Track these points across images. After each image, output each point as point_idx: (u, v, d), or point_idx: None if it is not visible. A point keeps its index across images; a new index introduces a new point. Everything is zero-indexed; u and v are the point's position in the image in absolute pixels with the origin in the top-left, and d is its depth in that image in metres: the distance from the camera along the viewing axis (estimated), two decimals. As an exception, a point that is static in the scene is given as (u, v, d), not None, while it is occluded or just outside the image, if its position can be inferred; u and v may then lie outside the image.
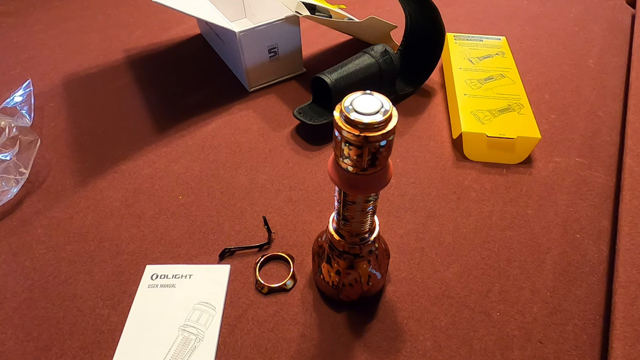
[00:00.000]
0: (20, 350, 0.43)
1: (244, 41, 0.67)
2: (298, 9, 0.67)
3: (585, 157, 0.61)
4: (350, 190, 0.34)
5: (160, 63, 0.82)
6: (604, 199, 0.56)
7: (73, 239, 0.53)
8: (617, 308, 0.42)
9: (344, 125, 0.29)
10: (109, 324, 0.45)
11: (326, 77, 0.61)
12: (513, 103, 0.64)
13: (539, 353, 0.42)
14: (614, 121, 0.67)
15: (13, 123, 0.62)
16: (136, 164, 0.62)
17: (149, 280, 0.48)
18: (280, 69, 0.75)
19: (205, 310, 0.45)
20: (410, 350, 0.43)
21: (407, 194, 0.57)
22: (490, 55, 0.74)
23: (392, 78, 0.67)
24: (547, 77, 0.76)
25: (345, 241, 0.40)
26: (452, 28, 0.88)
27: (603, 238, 0.52)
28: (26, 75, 0.80)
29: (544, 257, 0.50)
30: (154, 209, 0.56)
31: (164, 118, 0.70)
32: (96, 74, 0.80)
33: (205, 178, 0.60)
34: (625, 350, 0.39)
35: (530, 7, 0.96)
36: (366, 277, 0.43)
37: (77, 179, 0.60)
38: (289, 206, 0.56)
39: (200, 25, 0.89)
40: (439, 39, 0.67)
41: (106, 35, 0.91)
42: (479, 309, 0.46)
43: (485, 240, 0.52)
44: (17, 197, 0.57)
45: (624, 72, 0.76)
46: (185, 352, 0.42)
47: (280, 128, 0.67)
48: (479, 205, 0.56)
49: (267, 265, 0.50)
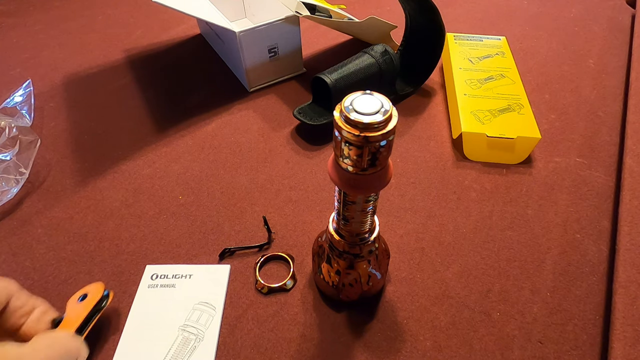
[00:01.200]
0: (20, 350, 0.43)
1: (244, 41, 0.67)
2: (298, 9, 0.67)
3: (585, 157, 0.61)
4: (350, 190, 0.34)
5: (160, 63, 0.82)
6: (604, 199, 0.56)
7: (73, 239, 0.53)
8: (617, 308, 0.42)
9: (344, 125, 0.29)
10: (109, 324, 0.45)
11: (326, 77, 0.61)
12: (513, 103, 0.64)
13: (539, 353, 0.42)
14: (614, 121, 0.67)
15: (13, 123, 0.62)
16: (136, 164, 0.62)
17: (149, 280, 0.48)
18: (280, 69, 0.75)
19: (205, 310, 0.45)
20: (410, 350, 0.43)
21: (407, 194, 0.57)
22: (490, 55, 0.74)
23: (392, 78, 0.67)
24: (547, 77, 0.76)
25: (345, 241, 0.40)
26: (452, 28, 0.88)
27: (603, 238, 0.52)
28: (26, 75, 0.80)
29: (544, 257, 0.50)
30: (154, 209, 0.56)
31: (164, 118, 0.70)
32: (96, 74, 0.80)
33: (205, 178, 0.60)
34: (625, 350, 0.39)
35: (530, 7, 0.96)
36: (366, 277, 0.43)
37: (77, 179, 0.60)
38: (289, 206, 0.56)
39: (200, 25, 0.89)
40: (439, 39, 0.67)
41: (106, 35, 0.91)
42: (479, 309, 0.46)
43: (485, 240, 0.52)
44: (17, 197, 0.57)
45: (624, 72, 0.76)
46: (185, 352, 0.42)
47: (280, 128, 0.67)
48: (479, 205, 0.56)
49: (267, 265, 0.50)
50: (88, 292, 0.42)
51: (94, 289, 0.42)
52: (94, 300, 0.41)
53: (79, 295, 0.42)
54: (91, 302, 0.41)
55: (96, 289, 0.42)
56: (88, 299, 0.41)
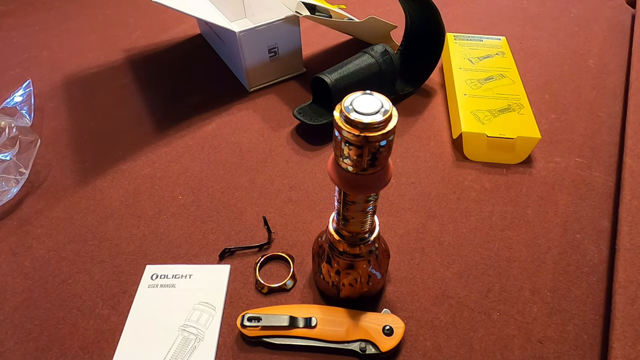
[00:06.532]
0: (20, 350, 0.43)
1: (244, 41, 0.67)
2: (298, 9, 0.67)
3: (585, 157, 0.61)
4: (350, 190, 0.34)
5: (160, 63, 0.82)
6: (604, 199, 0.56)
7: (73, 239, 0.53)
8: (617, 308, 0.42)
9: (344, 125, 0.29)
10: (109, 324, 0.45)
11: (326, 77, 0.61)
12: (513, 103, 0.64)
13: (539, 353, 0.42)
14: (614, 121, 0.67)
15: (13, 123, 0.62)
16: (136, 164, 0.62)
17: (149, 280, 0.48)
18: (280, 69, 0.75)
19: (205, 310, 0.45)
20: (410, 350, 0.43)
21: (407, 194, 0.57)
22: (490, 55, 0.74)
23: (392, 78, 0.67)
24: (547, 77, 0.76)
25: (345, 241, 0.40)
26: (452, 28, 0.88)
27: (603, 238, 0.52)
28: (26, 75, 0.80)
29: (544, 257, 0.50)
30: (154, 209, 0.56)
31: (164, 118, 0.70)
32: (96, 74, 0.80)
33: (205, 178, 0.60)
34: (625, 350, 0.39)
35: (530, 7, 0.96)
36: (366, 277, 0.43)
37: (77, 179, 0.60)
38: (289, 206, 0.56)
39: (200, 25, 0.89)
40: (439, 39, 0.67)
41: (106, 35, 0.91)
42: (479, 309, 0.46)
43: (485, 240, 0.52)
44: (17, 197, 0.57)
45: (624, 72, 0.76)
46: (185, 352, 0.42)
47: (280, 128, 0.67)
48: (479, 205, 0.56)
49: (267, 265, 0.50)
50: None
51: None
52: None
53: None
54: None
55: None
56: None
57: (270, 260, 0.50)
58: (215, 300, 0.46)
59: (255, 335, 0.42)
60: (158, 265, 0.50)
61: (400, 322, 0.42)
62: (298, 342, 0.42)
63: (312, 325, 0.42)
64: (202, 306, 0.46)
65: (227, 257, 0.51)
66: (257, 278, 0.48)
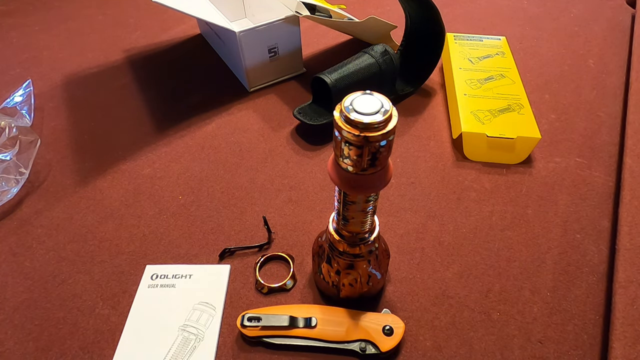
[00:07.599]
0: (20, 350, 0.43)
1: (244, 41, 0.67)
2: (298, 9, 0.67)
3: (585, 157, 0.61)
4: (350, 190, 0.34)
5: (160, 63, 0.82)
6: (604, 199, 0.56)
7: (73, 239, 0.53)
8: (617, 308, 0.42)
9: (344, 125, 0.29)
10: (109, 324, 0.45)
11: (326, 77, 0.61)
12: (513, 103, 0.64)
13: (539, 353, 0.42)
14: (614, 121, 0.67)
15: (13, 123, 0.62)
16: (136, 164, 0.62)
17: (149, 280, 0.48)
18: (280, 69, 0.75)
19: (205, 310, 0.45)
20: (410, 350, 0.43)
21: (407, 194, 0.57)
22: (490, 55, 0.74)
23: (392, 78, 0.67)
24: (547, 77, 0.76)
25: (345, 241, 0.40)
26: (452, 28, 0.88)
27: (603, 238, 0.52)
28: (26, 75, 0.80)
29: (544, 257, 0.50)
30: (154, 209, 0.56)
31: (164, 118, 0.70)
32: (96, 74, 0.80)
33: (205, 178, 0.60)
34: (625, 350, 0.39)
35: (530, 7, 0.96)
36: (366, 277, 0.43)
37: (77, 179, 0.60)
38: (289, 206, 0.56)
39: (200, 25, 0.89)
40: (439, 39, 0.67)
41: (106, 35, 0.91)
42: (479, 309, 0.46)
43: (485, 240, 0.52)
44: (17, 197, 0.57)
45: (624, 72, 0.76)
46: (185, 352, 0.42)
47: (280, 128, 0.67)
48: (479, 205, 0.56)
49: (267, 265, 0.50)
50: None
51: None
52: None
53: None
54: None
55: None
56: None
57: (270, 260, 0.50)
58: (215, 300, 0.46)
59: (255, 335, 0.42)
60: (158, 265, 0.50)
61: (400, 322, 0.42)
62: (298, 342, 0.42)
63: (312, 325, 0.42)
64: (202, 306, 0.46)
65: (227, 257, 0.51)
66: (257, 278, 0.48)
